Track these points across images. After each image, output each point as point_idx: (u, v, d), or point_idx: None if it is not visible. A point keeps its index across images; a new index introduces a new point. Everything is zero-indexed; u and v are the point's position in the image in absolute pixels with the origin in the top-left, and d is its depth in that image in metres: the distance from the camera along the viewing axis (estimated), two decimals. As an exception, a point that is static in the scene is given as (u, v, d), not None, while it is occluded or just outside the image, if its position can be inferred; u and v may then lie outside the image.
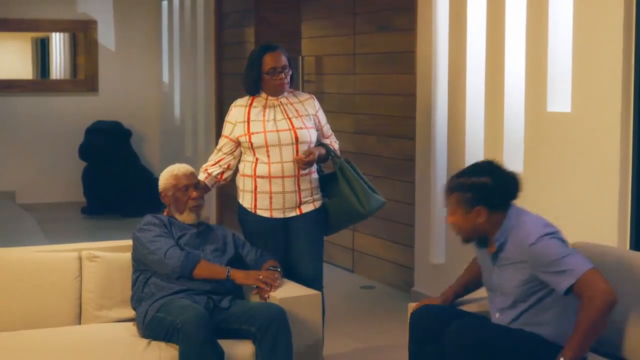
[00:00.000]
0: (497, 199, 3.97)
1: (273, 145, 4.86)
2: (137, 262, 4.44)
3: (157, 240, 4.38)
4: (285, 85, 4.96)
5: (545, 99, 5.44)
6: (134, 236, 4.45)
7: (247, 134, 4.88)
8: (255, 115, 4.93)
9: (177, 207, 4.58)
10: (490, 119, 5.96)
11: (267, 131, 4.87)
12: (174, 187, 4.57)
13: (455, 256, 6.40)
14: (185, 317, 4.04)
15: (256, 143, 4.87)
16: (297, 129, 4.91)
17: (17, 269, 4.46)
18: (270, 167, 4.87)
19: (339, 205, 5.05)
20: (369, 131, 7.50)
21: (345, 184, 5.02)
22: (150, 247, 4.37)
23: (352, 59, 7.66)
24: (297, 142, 4.90)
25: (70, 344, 4.15)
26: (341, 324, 6.30)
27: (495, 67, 5.88)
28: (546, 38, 5.41)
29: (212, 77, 10.18)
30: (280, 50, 4.99)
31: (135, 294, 4.41)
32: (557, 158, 5.36)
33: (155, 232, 4.42)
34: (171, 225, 4.52)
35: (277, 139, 4.86)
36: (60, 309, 4.47)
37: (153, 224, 4.47)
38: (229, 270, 4.40)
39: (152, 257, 4.35)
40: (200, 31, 10.44)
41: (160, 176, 4.67)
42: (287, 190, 4.91)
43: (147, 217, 4.54)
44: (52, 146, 11.37)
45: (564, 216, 5.29)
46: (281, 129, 4.89)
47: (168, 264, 4.31)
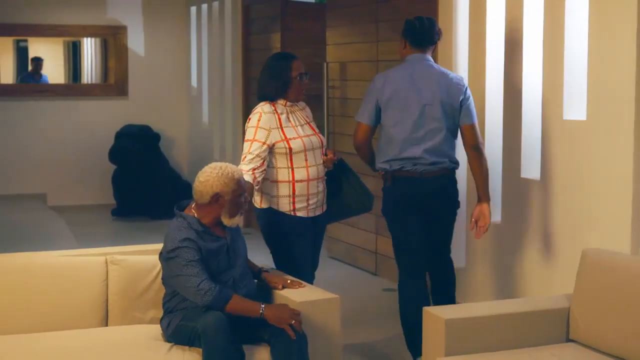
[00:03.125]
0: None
1: (310, 150, 5.08)
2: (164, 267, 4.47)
3: (191, 265, 4.29)
4: (305, 91, 5.19)
5: (561, 107, 5.53)
6: (166, 257, 4.37)
7: (284, 139, 5.02)
8: (285, 122, 5.08)
9: (231, 211, 4.45)
10: (508, 127, 6.06)
11: (302, 136, 5.07)
12: (234, 192, 4.43)
13: (475, 260, 6.49)
14: (205, 322, 4.13)
15: (295, 148, 5.03)
16: (318, 134, 5.20)
17: (45, 272, 4.60)
18: (309, 170, 5.07)
19: (347, 197, 5.32)
20: (391, 137, 7.59)
21: (347, 181, 5.30)
22: (184, 272, 4.29)
23: (375, 66, 7.77)
24: (322, 145, 5.19)
25: (95, 345, 4.29)
26: (360, 327, 6.40)
27: (513, 76, 5.97)
28: (562, 47, 5.49)
29: (239, 82, 10.32)
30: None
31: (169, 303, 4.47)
32: (573, 165, 5.43)
33: (189, 255, 4.30)
34: (201, 237, 4.40)
35: (311, 143, 5.09)
36: (87, 312, 4.59)
37: (186, 245, 4.32)
38: (263, 309, 4.30)
39: (185, 284, 4.28)
40: (228, 37, 10.59)
41: (209, 176, 4.43)
42: (320, 190, 5.15)
43: (177, 230, 4.37)
44: (82, 149, 11.58)
45: (579, 223, 5.38)
46: (309, 134, 5.13)
47: (199, 299, 4.25)
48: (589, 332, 4.30)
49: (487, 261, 6.35)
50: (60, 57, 12.34)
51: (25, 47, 12.18)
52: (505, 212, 6.14)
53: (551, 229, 5.66)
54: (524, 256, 5.94)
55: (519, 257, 5.98)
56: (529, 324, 4.37)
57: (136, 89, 11.74)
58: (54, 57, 12.25)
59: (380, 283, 7.68)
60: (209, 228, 4.46)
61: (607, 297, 4.23)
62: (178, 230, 4.39)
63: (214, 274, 4.39)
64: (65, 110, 11.58)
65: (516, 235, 6.00)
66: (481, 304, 4.75)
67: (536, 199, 5.79)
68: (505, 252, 6.14)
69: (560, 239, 5.58)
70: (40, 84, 11.80)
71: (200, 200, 4.46)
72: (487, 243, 6.32)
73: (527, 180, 5.89)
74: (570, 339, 4.41)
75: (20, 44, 12.20)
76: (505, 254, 6.14)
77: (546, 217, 5.70)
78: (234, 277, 4.47)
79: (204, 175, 4.45)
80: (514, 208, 6.03)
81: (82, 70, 12.29)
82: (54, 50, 12.25)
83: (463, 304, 5.61)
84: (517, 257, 6.01)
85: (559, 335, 4.42)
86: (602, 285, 4.27)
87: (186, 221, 4.43)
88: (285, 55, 5.28)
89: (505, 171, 6.11)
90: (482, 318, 4.29)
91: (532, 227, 5.84)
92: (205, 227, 4.45)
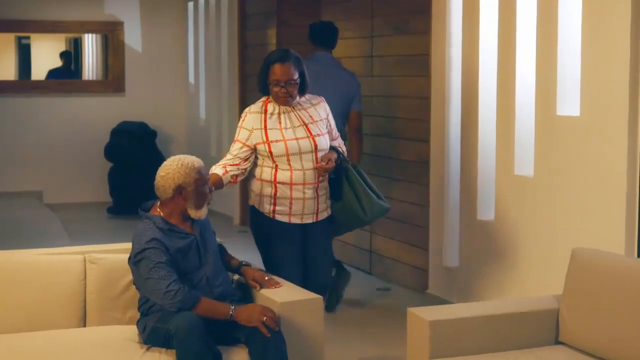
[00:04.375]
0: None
1: (294, 154, 4.84)
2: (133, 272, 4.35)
3: (158, 267, 4.16)
4: (287, 99, 4.86)
5: (555, 102, 5.45)
6: (134, 261, 4.25)
7: (265, 142, 4.84)
8: (272, 123, 4.87)
9: (196, 203, 4.33)
10: (502, 123, 5.96)
11: (286, 140, 4.84)
12: (196, 182, 4.31)
13: (468, 260, 6.39)
14: (177, 324, 4.02)
15: (276, 152, 4.83)
16: (315, 137, 4.90)
17: (22, 271, 4.50)
18: (293, 174, 4.86)
19: (342, 210, 5.09)
20: (385, 133, 7.50)
21: (349, 189, 5.05)
22: (151, 274, 4.16)
23: (369, 61, 7.67)
24: (316, 149, 4.89)
25: (70, 347, 4.18)
26: (354, 327, 6.31)
27: (507, 71, 5.87)
28: (556, 42, 5.41)
29: (235, 78, 10.22)
30: (291, 62, 4.85)
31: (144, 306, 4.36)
32: (566, 161, 5.35)
33: (156, 256, 4.17)
34: (168, 236, 4.28)
35: (298, 147, 4.84)
36: (65, 312, 4.48)
37: (153, 246, 4.19)
38: (233, 311, 4.18)
39: (153, 287, 4.15)
40: (225, 32, 10.49)
41: (169, 169, 4.33)
42: (307, 197, 4.91)
43: (143, 232, 4.25)
44: (79, 147, 11.50)
45: (573, 220, 5.30)
46: (300, 136, 4.87)
47: (167, 301, 4.12)
48: (578, 334, 4.17)
49: (481, 260, 6.25)
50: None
51: (27, 45, 12.11)
52: (499, 210, 6.03)
53: (545, 226, 5.56)
54: (517, 255, 5.84)
55: (513, 255, 5.88)
56: (517, 326, 4.24)
57: (133, 85, 11.65)
58: (55, 51, 12.18)
59: (375, 282, 7.57)
60: (175, 225, 4.35)
61: (597, 298, 4.10)
62: (144, 232, 4.27)
63: (185, 274, 4.28)
64: (62, 107, 11.50)
65: (510, 233, 5.90)
66: (466, 305, 4.62)
67: (530, 196, 5.69)
68: (498, 250, 6.04)
69: (555, 236, 5.48)
70: (36, 81, 11.71)
71: (164, 195, 4.35)
72: (480, 242, 6.22)
73: (521, 178, 5.79)
74: (560, 341, 4.28)
75: (23, 42, 12.14)
76: (498, 252, 6.04)
77: (540, 214, 5.60)
78: (206, 275, 4.36)
79: (164, 170, 4.34)
80: (507, 206, 5.93)
81: (82, 66, 12.21)
82: (57, 47, 12.18)
83: (448, 304, 5.50)
84: (510, 255, 5.90)
85: (547, 338, 4.29)
86: (592, 286, 4.14)
87: (151, 221, 4.32)
88: (273, 55, 4.94)
89: (499, 169, 6.01)
90: (467, 319, 4.17)
91: (526, 225, 5.74)
92: (171, 225, 4.34)
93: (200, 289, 4.29)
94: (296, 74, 4.86)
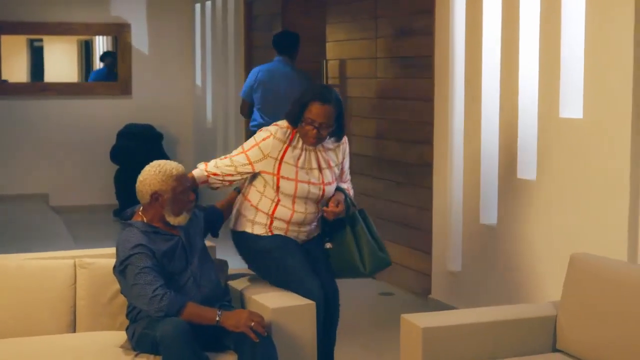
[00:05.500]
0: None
1: (301, 197, 4.62)
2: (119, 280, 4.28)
3: (144, 273, 4.08)
4: (313, 141, 4.57)
5: (557, 105, 5.35)
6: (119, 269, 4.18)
7: (275, 175, 4.59)
8: (290, 157, 4.59)
9: (173, 210, 4.27)
10: (504, 125, 5.86)
11: (298, 181, 4.59)
12: (173, 190, 4.24)
13: (471, 264, 6.30)
14: (163, 329, 3.95)
15: (284, 189, 4.59)
16: (326, 185, 4.67)
17: (11, 275, 4.42)
18: (294, 214, 4.65)
19: (341, 256, 4.81)
20: (389, 136, 7.41)
21: (351, 238, 4.78)
22: (137, 280, 4.07)
23: (374, 63, 7.58)
24: (322, 197, 4.68)
25: (60, 351, 4.12)
26: (355, 332, 6.22)
27: (510, 73, 5.78)
28: (559, 44, 5.33)
29: (242, 80, 10.12)
30: (332, 104, 4.54)
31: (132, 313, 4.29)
32: (569, 164, 5.26)
33: (141, 262, 4.10)
34: (152, 240, 4.21)
35: (307, 191, 4.61)
36: (54, 317, 4.41)
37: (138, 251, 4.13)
38: (219, 316, 4.07)
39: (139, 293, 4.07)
40: (231, 34, 10.42)
41: (147, 174, 4.27)
42: (302, 230, 4.73)
43: (126, 239, 4.19)
44: (85, 149, 11.44)
45: (575, 224, 5.20)
46: (312, 181, 4.62)
47: (153, 307, 4.04)
48: (576, 342, 4.07)
49: (483, 265, 6.15)
50: (74, 55, 12.28)
51: (40, 47, 12.10)
52: (502, 214, 5.93)
53: (548, 230, 5.45)
54: (520, 259, 5.73)
55: (516, 260, 5.78)
56: (513, 333, 4.15)
57: (140, 87, 11.58)
58: (68, 53, 12.20)
59: (378, 286, 7.48)
60: (159, 228, 4.29)
61: (596, 304, 3.99)
62: (128, 239, 4.20)
63: (172, 275, 4.21)
64: (70, 109, 11.43)
65: (513, 237, 5.80)
66: (461, 312, 4.53)
67: (533, 200, 5.59)
68: (501, 255, 5.94)
69: (558, 240, 5.38)
70: (43, 83, 11.66)
71: (142, 200, 4.31)
72: (482, 246, 6.12)
73: (524, 181, 5.69)
74: (557, 349, 4.18)
75: (35, 44, 12.12)
76: (501, 257, 5.94)
77: (543, 218, 5.50)
78: (193, 275, 4.28)
79: (143, 175, 4.30)
80: (510, 209, 5.83)
81: (94, 67, 12.17)
82: (68, 50, 12.16)
83: (445, 311, 5.39)
84: (513, 260, 5.80)
85: (545, 345, 4.19)
86: (590, 293, 4.03)
87: (134, 227, 4.27)
88: (317, 90, 4.64)
89: (501, 172, 5.91)
90: (461, 326, 4.07)
91: (529, 228, 5.64)
92: (155, 227, 4.28)
93: (187, 290, 4.22)
94: (333, 118, 4.57)
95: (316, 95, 4.56)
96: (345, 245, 4.77)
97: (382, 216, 7.49)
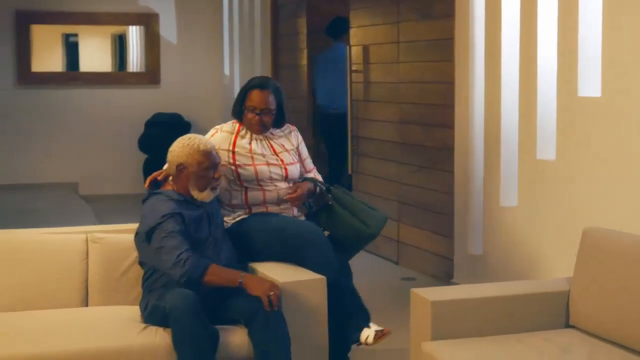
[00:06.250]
0: None
1: (264, 180, 4.70)
2: (142, 247, 4.32)
3: (171, 237, 4.13)
4: (260, 128, 4.71)
5: (576, 84, 5.30)
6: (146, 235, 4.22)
7: (233, 165, 4.66)
8: (240, 147, 4.70)
9: (197, 184, 4.31)
10: (524, 106, 5.82)
11: (256, 164, 4.68)
12: (199, 164, 4.29)
13: (492, 247, 6.26)
14: (173, 302, 3.98)
15: (245, 176, 4.67)
16: (287, 165, 4.77)
17: (24, 249, 4.48)
18: (266, 193, 4.71)
19: (344, 231, 4.82)
20: (412, 120, 7.38)
21: (343, 211, 4.82)
22: (164, 243, 4.13)
23: (396, 48, 7.55)
24: (286, 178, 4.76)
25: (70, 326, 4.15)
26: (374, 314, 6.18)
27: (529, 53, 5.74)
28: (576, 24, 5.28)
29: (268, 69, 10.15)
30: (270, 91, 4.74)
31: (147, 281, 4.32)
32: (588, 143, 5.22)
33: (170, 226, 4.15)
34: (182, 206, 4.27)
35: (268, 173, 4.70)
36: (66, 292, 4.46)
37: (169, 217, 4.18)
38: (242, 278, 4.12)
39: (164, 257, 4.12)
40: (258, 23, 10.43)
41: (176, 146, 4.39)
42: (282, 208, 4.77)
43: (155, 207, 4.24)
44: (114, 138, 11.49)
45: (595, 203, 5.15)
46: (271, 162, 4.72)
47: (177, 269, 4.07)
48: (589, 317, 4.02)
49: (505, 247, 6.10)
50: (108, 50, 12.36)
51: (75, 42, 12.18)
52: (522, 195, 5.89)
53: (568, 210, 5.40)
54: (541, 240, 5.68)
55: (537, 241, 5.73)
56: (524, 308, 4.11)
57: (168, 77, 11.62)
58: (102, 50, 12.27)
59: (401, 271, 7.45)
60: (187, 197, 4.33)
61: (608, 279, 3.94)
62: (157, 207, 4.26)
63: (198, 243, 4.25)
64: (98, 98, 11.50)
65: (533, 218, 5.75)
66: (472, 286, 4.49)
67: (552, 180, 5.54)
68: (522, 237, 5.89)
69: (578, 220, 5.30)
70: (72, 73, 11.74)
71: (170, 171, 4.38)
72: (503, 228, 6.08)
73: (543, 162, 5.64)
74: (570, 325, 4.14)
75: (70, 39, 12.19)
76: (522, 239, 5.89)
77: (562, 198, 5.45)
78: (215, 245, 4.35)
79: (173, 146, 4.39)
80: (530, 191, 5.78)
81: (127, 60, 12.23)
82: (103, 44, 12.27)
83: (452, 286, 5.34)
84: (534, 241, 5.76)
85: (557, 321, 4.15)
86: (603, 267, 3.98)
87: (163, 195, 4.32)
88: (253, 81, 4.82)
89: (522, 153, 5.86)
90: (471, 300, 4.04)
91: (549, 209, 5.59)
92: (183, 196, 4.32)
93: (209, 257, 4.26)
94: (274, 104, 4.73)
95: (254, 83, 4.76)
96: (341, 219, 4.81)
97: (405, 201, 7.47)
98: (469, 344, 3.89)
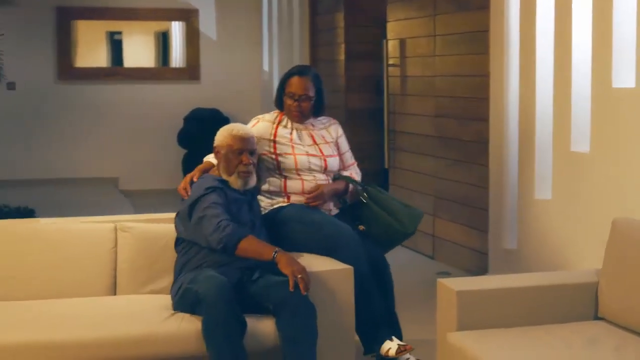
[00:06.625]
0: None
1: (303, 170, 4.75)
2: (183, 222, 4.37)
3: (213, 207, 4.23)
4: (299, 115, 4.78)
5: (610, 75, 5.23)
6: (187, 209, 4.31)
7: (274, 153, 4.73)
8: (281, 136, 4.77)
9: (226, 168, 4.40)
10: (558, 98, 5.75)
11: (296, 154, 4.74)
12: (229, 147, 4.40)
13: (527, 241, 6.19)
14: (207, 288, 4.00)
15: (285, 164, 4.73)
16: (327, 157, 4.83)
17: (53, 238, 4.51)
18: (304, 183, 4.76)
19: (380, 229, 4.85)
20: (448, 114, 7.33)
21: (379, 210, 4.84)
22: (206, 212, 4.22)
23: (432, 41, 7.51)
24: (325, 170, 4.82)
25: (98, 314, 4.17)
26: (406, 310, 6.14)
27: (564, 45, 5.67)
28: (611, 14, 5.20)
29: (306, 64, 10.13)
30: (310, 77, 4.81)
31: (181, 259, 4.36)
32: (622, 135, 5.14)
33: (213, 198, 4.26)
34: (224, 185, 4.37)
35: (308, 163, 4.76)
36: (95, 280, 4.49)
37: (212, 190, 4.30)
38: (277, 252, 4.17)
39: (204, 225, 4.20)
40: (296, 18, 10.43)
41: (219, 130, 4.54)
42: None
43: (200, 185, 4.37)
44: (155, 134, 11.56)
45: (630, 196, 5.07)
46: (311, 153, 4.78)
47: (216, 235, 4.15)
48: (618, 309, 3.96)
49: (539, 241, 6.04)
50: (152, 48, 12.43)
51: (119, 40, 12.26)
52: (556, 188, 5.82)
53: (603, 203, 5.32)
54: (576, 233, 5.62)
55: (572, 235, 5.66)
56: (552, 299, 4.06)
57: (208, 72, 11.66)
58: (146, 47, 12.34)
59: (436, 266, 7.41)
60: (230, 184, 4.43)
61: (638, 270, 3.88)
62: (202, 184, 4.39)
63: (236, 220, 4.31)
64: (138, 94, 11.57)
65: (567, 212, 5.68)
66: (499, 277, 4.46)
67: (586, 172, 5.47)
68: (556, 230, 5.83)
69: (614, 214, 5.22)
70: (113, 68, 11.82)
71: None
72: (537, 222, 6.02)
73: (577, 154, 5.57)
74: (599, 317, 4.08)
75: (115, 37, 12.28)
76: (556, 232, 5.82)
77: (597, 191, 5.37)
78: (252, 228, 4.40)
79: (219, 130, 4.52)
80: (564, 184, 5.71)
81: (170, 57, 12.29)
82: (146, 42, 12.34)
83: (480, 276, 5.29)
84: (569, 235, 5.68)
85: (586, 312, 4.10)
86: (633, 258, 3.92)
87: (208, 177, 4.44)
88: (293, 68, 4.91)
89: (556, 146, 5.79)
90: (498, 291, 4.00)
91: (583, 202, 5.51)
92: (225, 181, 4.42)
93: None
94: (312, 91, 4.79)
95: (294, 70, 4.86)
96: (377, 218, 4.83)
97: (441, 195, 7.43)
98: (495, 335, 3.85)
